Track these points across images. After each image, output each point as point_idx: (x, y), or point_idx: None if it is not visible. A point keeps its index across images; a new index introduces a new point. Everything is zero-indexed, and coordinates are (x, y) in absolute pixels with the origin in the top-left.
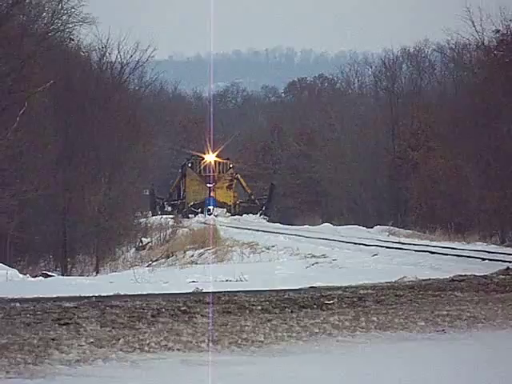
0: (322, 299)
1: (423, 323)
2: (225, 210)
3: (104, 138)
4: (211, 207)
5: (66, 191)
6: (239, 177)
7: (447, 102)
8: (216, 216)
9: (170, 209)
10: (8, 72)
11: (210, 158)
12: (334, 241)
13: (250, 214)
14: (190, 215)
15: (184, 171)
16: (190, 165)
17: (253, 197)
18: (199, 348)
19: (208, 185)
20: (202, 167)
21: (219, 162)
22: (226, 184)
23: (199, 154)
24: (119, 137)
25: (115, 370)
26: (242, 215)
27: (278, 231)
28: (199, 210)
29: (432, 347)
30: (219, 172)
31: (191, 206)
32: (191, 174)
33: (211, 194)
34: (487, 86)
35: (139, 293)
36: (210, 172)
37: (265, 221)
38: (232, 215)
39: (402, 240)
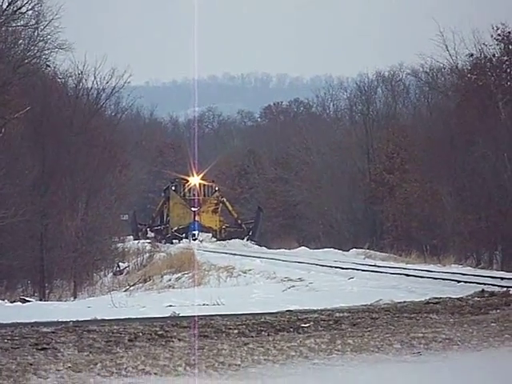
0: (298, 322)
1: (399, 346)
2: (210, 235)
3: (81, 164)
4: (196, 232)
5: (44, 217)
6: (225, 200)
7: (422, 125)
8: (201, 241)
9: (152, 234)
10: None
11: (195, 180)
12: (310, 264)
13: (237, 239)
14: (173, 241)
15: (167, 194)
16: (173, 188)
17: (239, 221)
18: (176, 372)
19: (193, 209)
20: (186, 190)
21: (204, 185)
22: (212, 208)
23: (183, 177)
24: (96, 162)
25: None
26: (228, 240)
27: (255, 255)
28: (183, 235)
29: (408, 370)
30: (204, 195)
31: (175, 231)
32: (175, 198)
33: (196, 219)
34: (461, 109)
35: (116, 317)
36: (194, 195)
37: (253, 245)
38: (218, 240)
39: (378, 263)
